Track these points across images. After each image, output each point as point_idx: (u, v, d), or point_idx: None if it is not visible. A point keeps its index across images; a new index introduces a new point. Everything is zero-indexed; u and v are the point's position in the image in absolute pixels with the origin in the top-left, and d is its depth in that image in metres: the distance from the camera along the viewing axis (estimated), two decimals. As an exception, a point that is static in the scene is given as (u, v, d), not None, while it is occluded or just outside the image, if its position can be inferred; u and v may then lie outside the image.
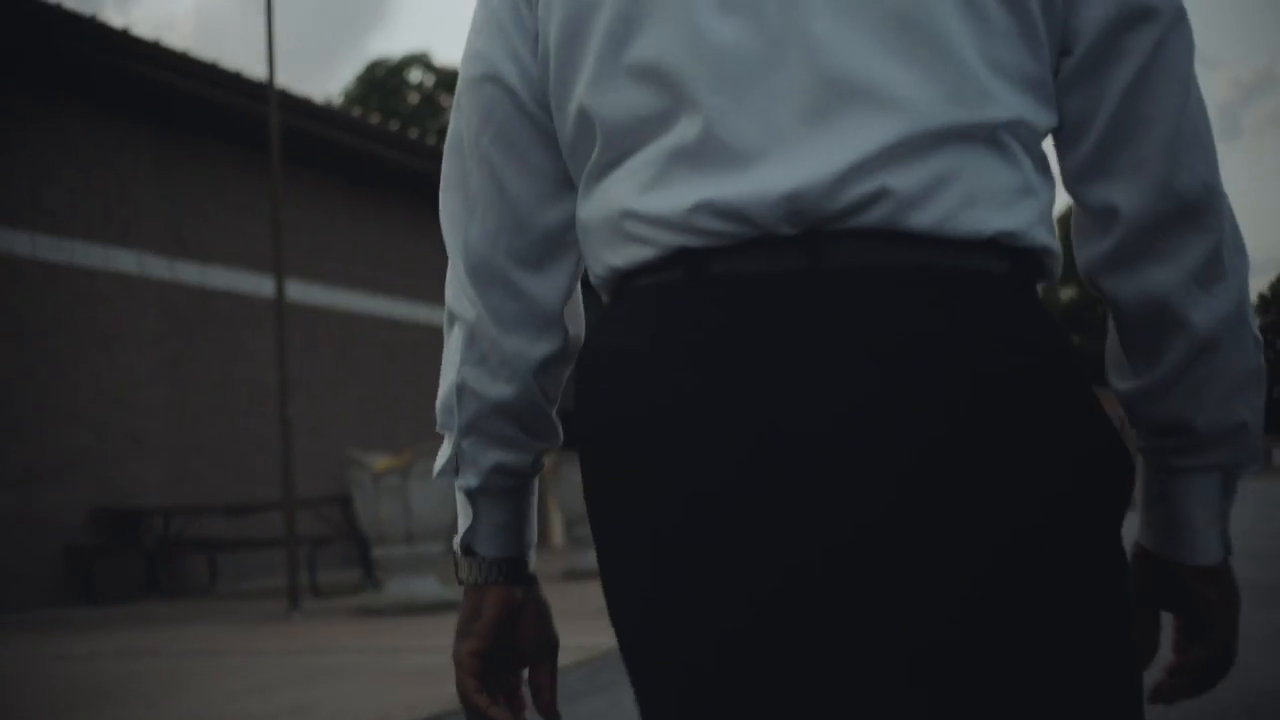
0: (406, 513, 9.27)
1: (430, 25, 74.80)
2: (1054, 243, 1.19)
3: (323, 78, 77.44)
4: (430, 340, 15.78)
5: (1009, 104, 1.15)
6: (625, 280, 1.22)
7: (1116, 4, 1.17)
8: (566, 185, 1.31)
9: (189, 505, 12.38)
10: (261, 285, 13.10)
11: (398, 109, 36.15)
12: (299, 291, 13.93)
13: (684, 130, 1.16)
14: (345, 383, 14.92)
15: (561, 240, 1.32)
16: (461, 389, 1.33)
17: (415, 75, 38.28)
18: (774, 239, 1.13)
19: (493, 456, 1.34)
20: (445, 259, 1.36)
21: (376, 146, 14.81)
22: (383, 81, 37.81)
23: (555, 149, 1.30)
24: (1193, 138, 1.18)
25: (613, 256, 1.22)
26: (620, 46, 1.19)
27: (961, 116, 1.12)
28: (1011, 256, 1.15)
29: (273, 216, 9.71)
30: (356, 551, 11.84)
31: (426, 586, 9.46)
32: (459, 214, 1.33)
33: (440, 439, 1.38)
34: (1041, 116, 1.18)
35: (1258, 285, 59.07)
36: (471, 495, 1.36)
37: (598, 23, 1.20)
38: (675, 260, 1.16)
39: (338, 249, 15.07)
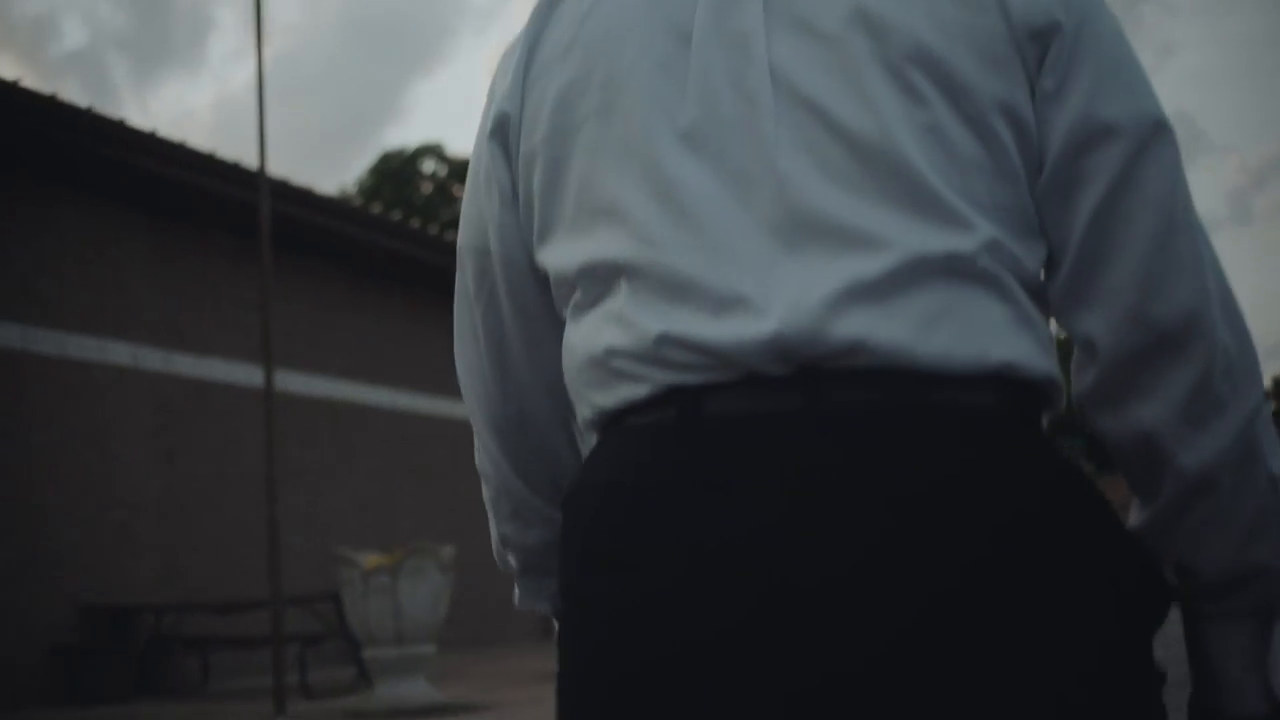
0: (397, 613, 9.01)
1: (445, 117, 75.76)
2: (1056, 371, 1.16)
3: (340, 170, 78.22)
4: (433, 431, 15.63)
5: (984, 230, 1.11)
6: (615, 420, 1.20)
7: (1076, 125, 1.13)
8: (556, 340, 1.31)
9: (181, 602, 12.12)
10: (259, 377, 12.93)
11: (411, 199, 36.27)
12: (299, 383, 13.79)
13: (654, 268, 1.15)
14: (346, 475, 14.71)
15: (564, 390, 1.32)
16: (505, 542, 1.41)
17: (429, 166, 38.44)
18: (765, 378, 1.11)
19: (554, 584, 1.38)
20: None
21: (378, 236, 14.74)
22: (396, 172, 37.96)
23: (544, 310, 1.31)
24: (1173, 262, 1.12)
25: (602, 397, 1.20)
26: (590, 192, 1.19)
27: (936, 247, 1.09)
28: (1014, 389, 1.12)
29: (261, 305, 9.57)
30: (350, 650, 11.56)
31: (417, 688, 9.17)
32: (473, 370, 1.37)
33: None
34: (1024, 245, 1.15)
35: (1269, 371, 58.19)
36: (555, 614, 1.40)
37: (572, 172, 1.21)
38: (668, 399, 1.14)
39: (339, 339, 14.94)
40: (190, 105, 75.30)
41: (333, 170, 75.56)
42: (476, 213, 1.32)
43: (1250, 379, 1.14)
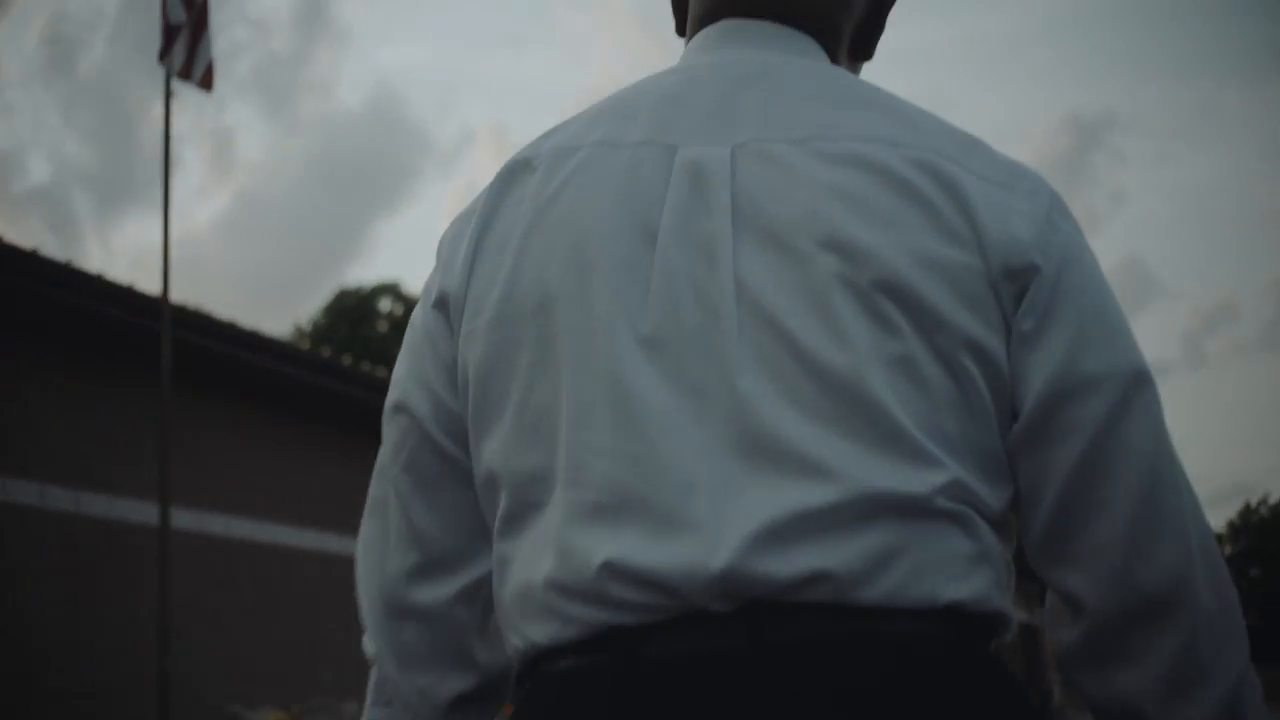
0: (292, 774, 8.49)
1: (408, 257, 76.23)
2: (1008, 608, 1.12)
3: (299, 309, 78.28)
4: (362, 576, 15.15)
5: (947, 469, 1.07)
6: (546, 659, 1.13)
7: (1056, 375, 1.09)
8: (476, 521, 1.24)
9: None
10: (178, 518, 12.47)
11: (367, 337, 36.08)
12: (220, 525, 13.39)
13: (597, 479, 1.09)
14: (267, 621, 14.19)
15: (474, 575, 1.26)
16: None
17: (385, 305, 38.33)
18: (706, 615, 1.05)
19: None
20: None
21: (305, 373, 14.47)
22: (351, 310, 37.80)
23: (466, 484, 1.24)
24: (1158, 522, 1.08)
25: (534, 631, 1.13)
26: (536, 389, 1.14)
27: (894, 485, 1.05)
28: (963, 624, 1.07)
29: (161, 438, 9.30)
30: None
31: None
32: (376, 543, 1.29)
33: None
34: (990, 483, 1.11)
35: (1225, 513, 58.20)
36: None
37: (517, 363, 1.15)
38: (602, 642, 1.08)
39: (264, 479, 14.54)
40: (152, 243, 75.49)
41: (292, 309, 75.75)
42: (407, 373, 1.26)
43: (1234, 641, 1.10)
